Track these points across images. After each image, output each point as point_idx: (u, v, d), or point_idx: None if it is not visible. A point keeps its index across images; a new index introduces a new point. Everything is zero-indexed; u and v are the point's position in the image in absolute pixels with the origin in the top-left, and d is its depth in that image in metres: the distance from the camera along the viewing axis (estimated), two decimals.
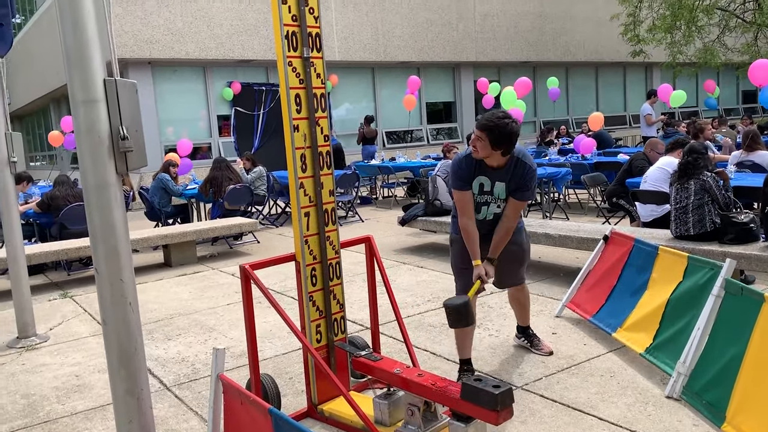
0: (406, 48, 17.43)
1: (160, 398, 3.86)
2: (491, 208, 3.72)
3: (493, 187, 3.65)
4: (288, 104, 3.24)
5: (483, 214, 3.73)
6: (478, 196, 3.69)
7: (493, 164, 3.58)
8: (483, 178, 3.65)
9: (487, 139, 3.43)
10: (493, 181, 3.64)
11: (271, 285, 6.26)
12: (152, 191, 9.42)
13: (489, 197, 3.68)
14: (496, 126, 3.40)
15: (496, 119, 3.42)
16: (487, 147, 3.46)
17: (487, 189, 3.67)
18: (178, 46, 14.27)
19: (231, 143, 15.74)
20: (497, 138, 3.42)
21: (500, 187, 3.65)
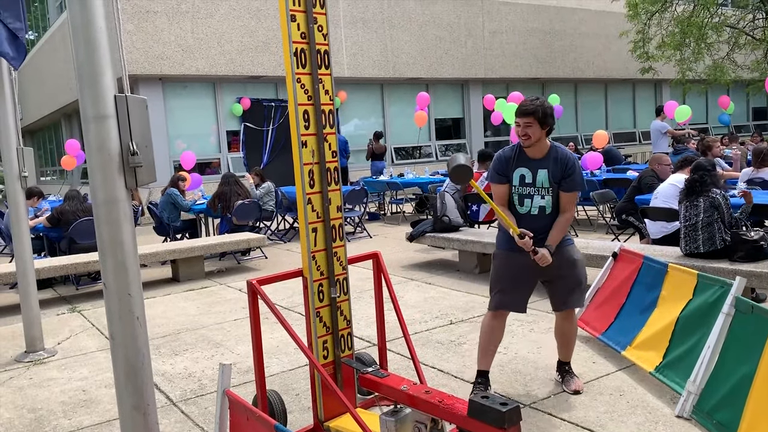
0: (415, 65, 17.52)
1: (166, 414, 3.85)
2: (535, 201, 3.64)
3: (535, 177, 3.62)
4: (296, 120, 3.26)
5: (527, 207, 3.66)
6: (520, 188, 3.66)
7: (536, 155, 3.62)
8: (523, 170, 3.65)
9: (536, 120, 3.51)
10: (534, 171, 3.62)
11: (278, 301, 6.25)
12: (161, 206, 9.46)
13: (531, 189, 3.64)
14: (538, 107, 3.51)
15: (533, 102, 3.55)
16: (537, 128, 3.52)
17: (528, 180, 3.64)
18: (189, 62, 14.41)
19: (240, 158, 15.82)
20: (543, 116, 3.51)
21: (543, 174, 3.61)
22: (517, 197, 3.68)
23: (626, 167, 11.91)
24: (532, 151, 3.62)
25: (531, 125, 3.53)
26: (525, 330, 4.93)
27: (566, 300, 3.75)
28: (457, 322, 5.34)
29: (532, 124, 3.52)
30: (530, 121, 3.52)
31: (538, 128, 3.53)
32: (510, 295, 3.72)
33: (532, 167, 3.63)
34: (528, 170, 3.64)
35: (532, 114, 3.51)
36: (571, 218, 3.70)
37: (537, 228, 3.60)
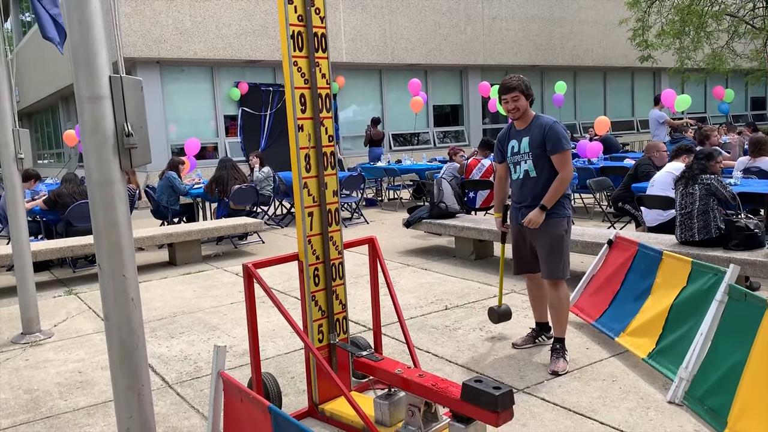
0: (414, 50, 17.44)
1: (161, 395, 3.87)
2: (521, 166, 4.06)
3: (520, 145, 4.07)
4: (293, 104, 3.26)
5: (517, 173, 4.11)
6: (511, 158, 4.13)
7: (522, 125, 4.07)
8: (513, 142, 4.13)
9: (521, 93, 3.95)
10: (520, 140, 4.07)
11: (274, 285, 6.27)
12: (159, 190, 9.45)
13: (518, 156, 4.08)
14: (520, 81, 3.98)
15: (513, 78, 4.01)
16: (523, 100, 3.97)
17: (516, 150, 4.10)
18: (187, 46, 14.33)
19: (238, 143, 15.79)
20: (526, 89, 3.98)
21: (525, 142, 4.04)
22: (512, 166, 4.16)
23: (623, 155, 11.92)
24: (519, 123, 4.07)
25: (518, 98, 3.96)
26: (520, 316, 4.95)
27: (545, 270, 4.03)
28: (452, 307, 5.37)
29: (519, 98, 3.95)
30: (516, 95, 3.95)
31: (523, 100, 3.98)
32: (517, 260, 4.24)
33: (519, 137, 4.09)
34: (516, 141, 4.11)
35: (516, 88, 3.95)
36: (566, 179, 3.94)
37: (525, 190, 4.07)
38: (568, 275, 4.02)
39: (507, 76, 4.06)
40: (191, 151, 11.88)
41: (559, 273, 3.98)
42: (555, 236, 3.97)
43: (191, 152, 11.87)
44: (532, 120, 4.04)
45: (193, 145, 11.97)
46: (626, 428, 3.18)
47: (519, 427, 3.23)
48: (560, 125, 4.00)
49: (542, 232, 3.97)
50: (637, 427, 3.18)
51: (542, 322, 4.36)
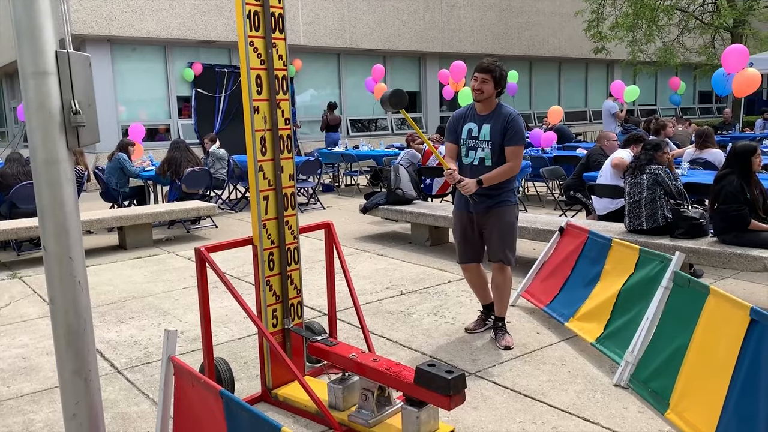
0: (372, 36, 17.35)
1: (111, 381, 3.79)
2: (477, 153, 4.03)
3: (480, 130, 4.01)
4: (248, 85, 3.20)
5: (471, 158, 4.06)
6: (467, 141, 4.06)
7: (484, 111, 4.02)
8: (471, 124, 4.07)
9: (492, 78, 3.90)
10: (480, 125, 4.02)
11: (228, 270, 6.19)
12: (109, 171, 9.19)
13: (476, 141, 4.03)
14: (497, 67, 3.94)
15: (494, 63, 3.95)
16: (491, 86, 3.92)
17: (474, 134, 4.04)
18: (139, 24, 13.92)
19: (191, 125, 15.46)
20: (499, 77, 3.93)
21: (486, 129, 3.99)
22: (464, 149, 4.09)
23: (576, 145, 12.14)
24: (481, 107, 4.02)
25: (487, 81, 3.90)
26: (473, 301, 5.01)
27: (495, 254, 4.10)
28: (408, 293, 5.40)
29: (488, 81, 3.90)
30: (487, 78, 3.90)
31: (491, 86, 3.92)
32: (463, 248, 4.22)
33: (479, 122, 4.02)
34: (475, 125, 4.04)
35: (490, 71, 3.90)
36: (514, 169, 3.99)
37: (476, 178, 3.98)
38: (514, 262, 4.14)
39: (490, 58, 4.02)
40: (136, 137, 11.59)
41: (509, 258, 4.09)
42: (508, 223, 4.07)
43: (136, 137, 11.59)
44: (495, 108, 4.01)
45: (137, 130, 11.63)
46: (574, 410, 3.26)
47: (470, 410, 3.28)
48: (522, 119, 4.03)
49: (496, 218, 4.04)
50: (584, 409, 3.27)
51: (488, 303, 4.41)
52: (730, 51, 9.88)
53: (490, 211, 4.05)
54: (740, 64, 9.60)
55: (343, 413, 3.16)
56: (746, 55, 9.70)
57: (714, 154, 7.70)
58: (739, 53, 9.72)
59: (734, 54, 9.73)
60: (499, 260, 4.09)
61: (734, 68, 9.68)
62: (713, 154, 7.72)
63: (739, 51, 9.79)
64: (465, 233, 4.19)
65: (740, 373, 2.75)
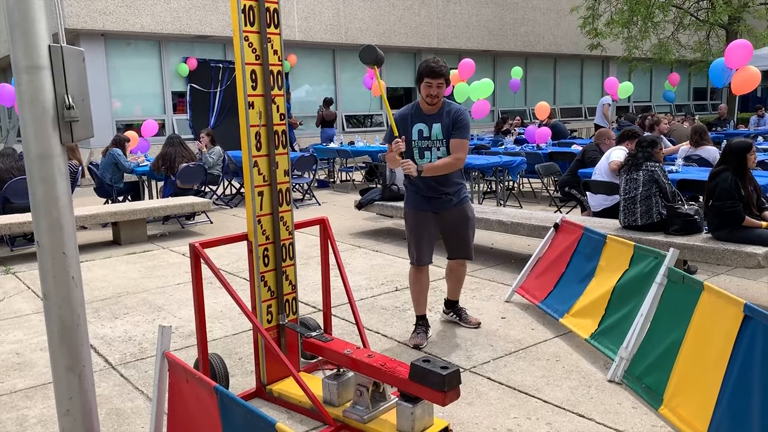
0: (368, 31, 17.31)
1: (105, 377, 3.78)
2: (433, 153, 3.98)
3: (431, 130, 3.96)
4: (243, 80, 3.19)
5: (426, 159, 3.99)
6: (419, 142, 3.99)
7: (432, 110, 3.96)
8: (421, 125, 3.98)
9: (445, 81, 3.88)
10: (430, 125, 3.96)
11: (223, 266, 6.18)
12: (103, 167, 9.16)
13: (428, 142, 3.97)
14: (446, 67, 3.90)
15: (441, 64, 3.88)
16: (445, 87, 3.90)
17: (426, 134, 3.97)
18: (133, 19, 13.85)
19: (185, 121, 15.41)
20: (448, 76, 3.93)
21: (437, 128, 3.95)
22: (417, 151, 4.00)
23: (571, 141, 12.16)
24: (429, 107, 3.96)
25: (442, 85, 3.87)
26: (467, 297, 5.02)
27: (458, 251, 4.20)
28: (402, 288, 5.40)
29: (443, 85, 3.88)
30: (442, 82, 3.86)
31: (444, 88, 3.91)
32: (424, 249, 4.11)
33: (428, 122, 3.96)
34: (425, 125, 3.97)
35: (443, 75, 3.85)
36: (458, 162, 3.97)
37: (439, 177, 3.97)
38: None
39: (432, 58, 3.93)
40: (148, 132, 11.59)
41: (472, 253, 4.24)
42: (472, 220, 4.19)
43: (148, 133, 11.58)
44: (441, 105, 3.98)
45: (151, 126, 11.66)
46: (568, 406, 3.27)
47: (465, 405, 3.29)
48: (468, 113, 4.10)
49: (463, 216, 4.12)
50: (578, 404, 3.28)
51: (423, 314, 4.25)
52: (735, 46, 9.55)
53: (455, 209, 4.08)
54: (743, 60, 9.40)
55: (338, 409, 3.16)
56: (750, 52, 9.41)
57: (708, 151, 7.71)
58: (744, 49, 9.37)
59: (738, 49, 9.45)
60: (465, 257, 4.23)
61: (736, 64, 9.48)
62: (708, 151, 7.74)
63: (743, 46, 9.43)
64: (427, 233, 4.11)
65: (734, 369, 2.76)
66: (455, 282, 4.42)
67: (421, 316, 4.25)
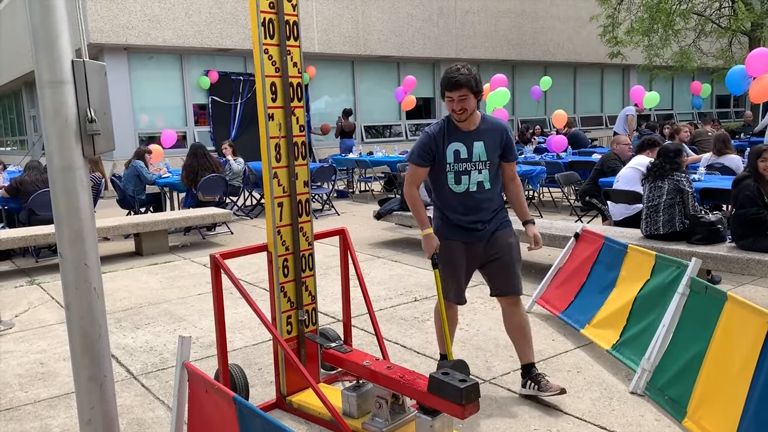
0: (387, 42, 17.40)
1: (126, 387, 3.81)
2: (473, 177, 3.35)
3: (471, 151, 3.34)
4: (263, 93, 3.22)
5: (464, 185, 3.36)
6: (455, 165, 3.34)
7: (469, 126, 3.34)
8: (457, 145, 3.35)
9: (470, 92, 3.23)
10: (469, 145, 3.34)
11: (243, 276, 6.22)
12: (126, 179, 9.29)
13: (468, 164, 3.34)
14: (470, 76, 3.22)
15: (461, 72, 3.23)
16: (472, 99, 3.25)
17: (464, 156, 3.34)
18: (155, 33, 14.07)
19: (207, 132, 15.59)
20: (476, 85, 3.24)
21: (479, 147, 3.33)
22: (452, 176, 3.35)
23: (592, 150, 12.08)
24: (464, 123, 3.33)
25: (466, 98, 3.24)
26: (487, 308, 4.99)
27: (501, 284, 3.46)
28: (422, 299, 5.39)
29: (467, 97, 3.24)
30: (465, 94, 3.22)
31: (472, 99, 3.26)
32: (459, 284, 3.49)
33: (467, 140, 3.34)
34: (462, 144, 3.34)
35: (464, 85, 3.21)
36: (521, 188, 3.59)
37: (476, 205, 3.37)
38: None
39: (451, 67, 3.29)
40: (167, 142, 11.75)
41: (521, 287, 3.51)
42: (516, 246, 3.52)
43: (167, 144, 11.74)
44: (481, 121, 3.37)
45: (170, 136, 11.82)
46: (589, 418, 3.23)
47: (485, 417, 3.26)
48: None
49: (504, 243, 3.45)
50: (600, 416, 3.24)
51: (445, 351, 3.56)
52: (757, 54, 9.47)
53: (495, 234, 3.44)
54: (765, 68, 9.29)
55: (357, 421, 3.15)
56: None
57: (731, 160, 7.61)
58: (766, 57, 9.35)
59: (760, 57, 9.32)
60: (511, 292, 3.45)
61: (757, 72, 9.39)
62: (731, 159, 7.63)
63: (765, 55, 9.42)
64: (464, 267, 3.45)
65: (759, 380, 2.70)
66: (519, 336, 3.49)
67: (443, 354, 3.61)
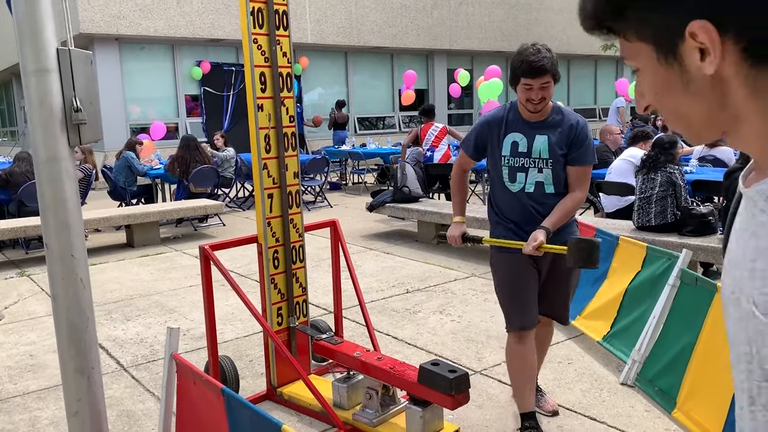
0: (380, 33, 17.32)
1: (116, 379, 3.80)
2: (531, 175, 2.83)
3: (531, 144, 2.81)
4: (252, 83, 3.20)
5: (519, 183, 2.84)
6: (512, 159, 2.84)
7: (536, 117, 2.81)
8: (516, 135, 2.83)
9: (552, 78, 2.71)
10: (530, 138, 2.82)
11: (235, 268, 6.20)
12: (117, 170, 9.23)
13: (526, 159, 2.82)
14: (553, 61, 2.71)
15: (545, 54, 2.69)
16: (552, 88, 2.75)
17: (522, 149, 2.82)
18: (147, 23, 13.96)
19: (199, 124, 15.50)
20: (557, 71, 2.73)
21: (541, 142, 2.80)
22: (507, 170, 2.85)
23: None
24: (531, 115, 2.81)
25: (548, 85, 2.71)
26: (479, 299, 4.99)
27: (551, 307, 3.06)
28: (414, 291, 5.38)
29: (550, 85, 2.72)
30: (548, 81, 2.70)
31: (552, 88, 2.75)
32: (525, 305, 2.91)
33: (528, 133, 2.82)
34: (523, 136, 2.82)
35: (550, 71, 2.68)
36: (582, 201, 2.89)
37: (533, 209, 2.85)
38: None
39: (530, 49, 2.72)
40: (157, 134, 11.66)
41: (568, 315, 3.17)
42: (578, 271, 3.03)
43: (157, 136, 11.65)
44: (551, 113, 2.84)
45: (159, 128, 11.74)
46: (580, 409, 3.24)
47: (475, 408, 3.26)
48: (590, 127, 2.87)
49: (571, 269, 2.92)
50: (590, 407, 3.25)
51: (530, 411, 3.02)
52: None
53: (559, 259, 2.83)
54: None
55: (348, 412, 3.15)
56: None
57: (724, 152, 7.62)
58: None
59: None
60: (558, 317, 3.12)
61: None
62: (723, 151, 7.64)
63: None
64: (528, 283, 2.89)
65: None
66: (539, 345, 3.16)
67: (527, 414, 2.97)
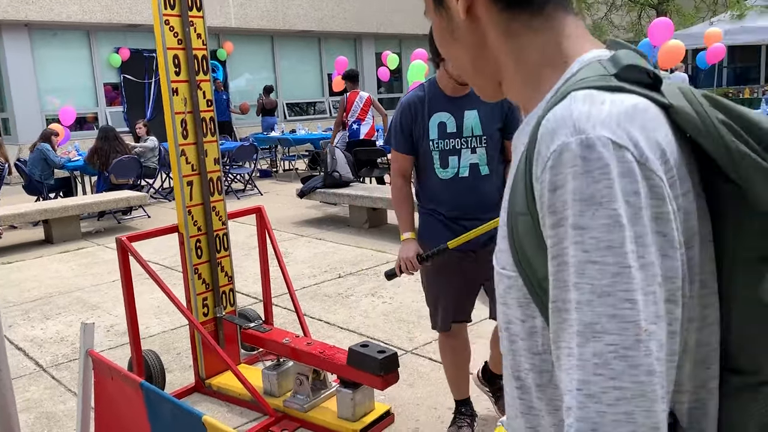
0: (306, 16, 17.08)
1: (35, 380, 3.63)
2: (464, 157, 2.52)
3: (461, 123, 2.50)
4: (166, 66, 3.08)
5: (452, 168, 2.53)
6: (440, 142, 2.51)
7: (461, 91, 2.48)
8: (443, 115, 2.51)
9: None
10: (458, 115, 2.50)
11: (160, 260, 6.02)
12: (32, 163, 8.76)
13: (457, 140, 2.51)
14: None
15: None
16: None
17: (452, 129, 2.51)
18: (59, 8, 13.27)
19: (120, 113, 14.92)
20: None
21: (471, 118, 2.50)
22: (438, 155, 2.53)
23: None
24: (456, 87, 2.47)
25: None
26: (410, 280, 5.02)
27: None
28: (346, 275, 5.37)
29: None
30: None
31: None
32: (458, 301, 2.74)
33: (455, 111, 2.51)
34: (450, 115, 2.51)
35: None
36: None
37: (470, 198, 2.54)
38: None
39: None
40: (66, 120, 11.09)
41: None
42: None
43: (66, 122, 11.09)
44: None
45: (69, 113, 11.17)
46: None
47: (406, 387, 3.29)
48: None
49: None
50: None
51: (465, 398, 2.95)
52: (656, 24, 10.41)
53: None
54: (665, 37, 10.06)
55: (279, 399, 3.12)
56: (671, 28, 10.26)
57: None
58: (665, 26, 10.25)
59: (660, 27, 10.25)
60: None
61: (659, 41, 10.13)
62: None
63: (664, 24, 10.32)
64: (461, 279, 2.66)
65: None
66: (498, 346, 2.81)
67: (462, 401, 2.93)
